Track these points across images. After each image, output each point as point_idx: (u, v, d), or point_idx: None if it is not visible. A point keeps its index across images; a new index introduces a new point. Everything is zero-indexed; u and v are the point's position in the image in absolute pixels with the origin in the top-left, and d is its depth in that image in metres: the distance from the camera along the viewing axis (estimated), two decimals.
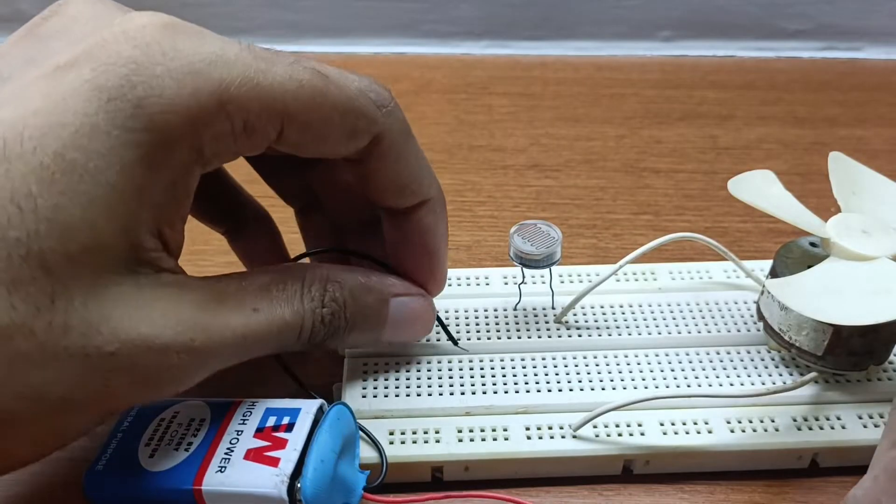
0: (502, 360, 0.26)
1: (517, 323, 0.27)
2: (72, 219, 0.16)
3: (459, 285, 0.29)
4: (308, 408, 0.22)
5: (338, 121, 0.20)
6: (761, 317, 0.26)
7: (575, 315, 0.28)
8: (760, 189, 0.26)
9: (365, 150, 0.21)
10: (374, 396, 0.25)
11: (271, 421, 0.22)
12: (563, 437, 0.23)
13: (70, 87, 0.17)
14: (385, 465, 0.23)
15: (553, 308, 0.28)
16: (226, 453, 0.21)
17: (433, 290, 0.25)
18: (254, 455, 0.21)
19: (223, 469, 0.21)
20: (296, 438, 0.21)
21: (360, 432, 0.23)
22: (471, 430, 0.24)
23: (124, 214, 0.17)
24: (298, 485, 0.20)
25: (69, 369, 0.17)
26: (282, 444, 0.21)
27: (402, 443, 0.23)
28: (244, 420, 0.22)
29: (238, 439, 0.21)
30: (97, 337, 0.17)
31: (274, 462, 0.21)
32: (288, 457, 0.21)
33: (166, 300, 0.18)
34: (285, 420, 0.22)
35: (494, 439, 0.23)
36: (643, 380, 0.25)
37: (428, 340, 0.27)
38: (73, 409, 0.17)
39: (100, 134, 0.17)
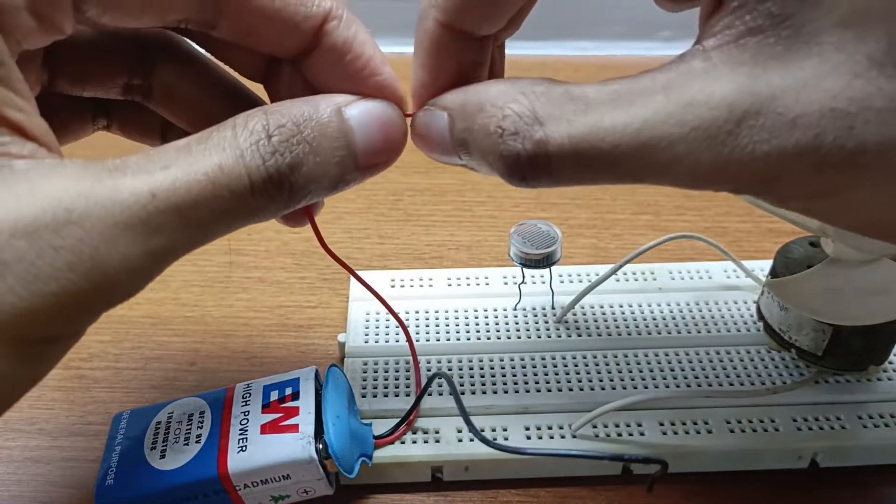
0: (502, 360, 0.26)
1: (517, 323, 0.27)
2: None
3: (459, 285, 0.29)
4: (306, 375, 0.23)
5: None
6: (761, 317, 0.26)
7: (575, 315, 0.28)
8: None
9: None
10: (374, 396, 0.25)
11: (274, 395, 0.22)
12: (562, 437, 0.23)
13: None
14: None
15: (553, 308, 0.28)
16: (241, 434, 0.21)
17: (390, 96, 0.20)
18: (270, 428, 0.21)
19: (244, 448, 0.21)
20: (306, 403, 0.22)
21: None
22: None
23: None
24: (321, 444, 0.21)
25: None
26: (293, 412, 0.22)
27: (402, 443, 0.23)
28: (246, 401, 0.22)
29: (248, 419, 0.22)
30: None
31: (293, 429, 0.21)
32: (306, 420, 0.21)
33: (25, 183, 0.15)
34: (287, 391, 0.22)
35: (494, 439, 0.23)
36: (643, 380, 0.25)
37: (428, 341, 0.27)
38: None
39: None
